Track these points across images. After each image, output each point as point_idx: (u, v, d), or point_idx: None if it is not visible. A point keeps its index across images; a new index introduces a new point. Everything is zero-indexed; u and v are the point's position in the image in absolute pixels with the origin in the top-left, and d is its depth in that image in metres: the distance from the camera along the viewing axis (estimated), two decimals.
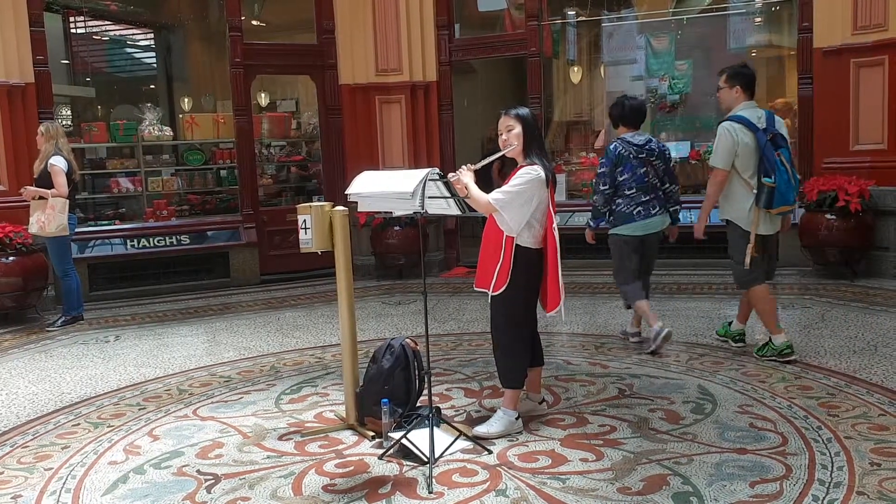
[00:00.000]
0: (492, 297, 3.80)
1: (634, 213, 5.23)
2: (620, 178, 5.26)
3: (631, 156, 5.24)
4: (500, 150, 3.85)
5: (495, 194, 3.70)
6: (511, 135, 3.79)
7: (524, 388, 4.01)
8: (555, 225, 3.75)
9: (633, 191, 5.24)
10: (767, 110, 4.97)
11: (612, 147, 5.33)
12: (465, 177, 3.68)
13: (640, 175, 5.23)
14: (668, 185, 5.35)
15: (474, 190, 3.70)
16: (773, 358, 4.91)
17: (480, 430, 3.82)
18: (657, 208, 5.28)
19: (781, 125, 4.93)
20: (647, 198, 5.25)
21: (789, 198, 4.73)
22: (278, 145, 10.39)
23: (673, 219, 5.44)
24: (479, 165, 3.79)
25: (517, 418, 3.88)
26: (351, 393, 4.07)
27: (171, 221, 8.89)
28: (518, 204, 3.68)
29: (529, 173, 3.70)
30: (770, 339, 4.99)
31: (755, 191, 4.75)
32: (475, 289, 3.93)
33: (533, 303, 3.87)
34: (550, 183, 3.77)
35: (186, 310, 7.68)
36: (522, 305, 3.81)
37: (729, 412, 4.04)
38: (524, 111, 3.83)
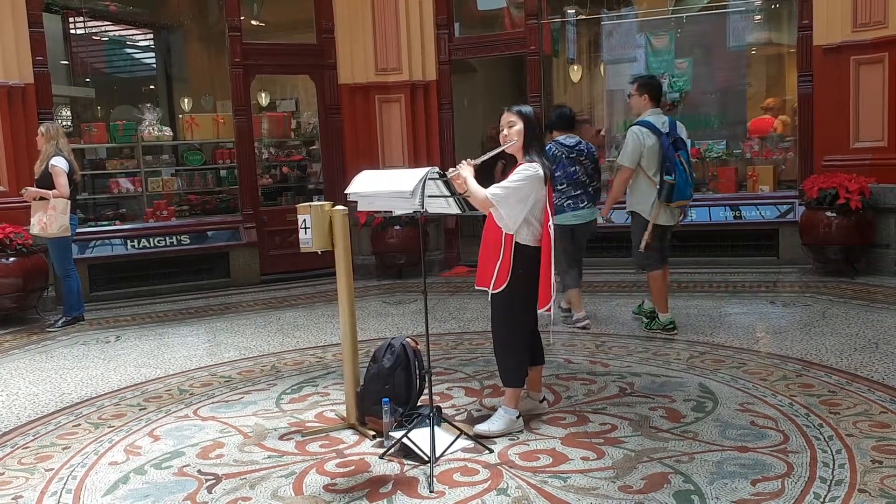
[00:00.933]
0: (492, 295, 3.80)
1: (565, 205, 5.84)
2: (554, 175, 5.74)
3: (563, 155, 5.84)
4: (500, 146, 3.86)
5: (493, 189, 3.70)
6: (512, 131, 3.80)
7: (525, 386, 4.00)
8: (550, 223, 3.74)
9: (565, 186, 5.84)
10: (670, 116, 5.67)
11: (547, 148, 5.86)
12: (465, 171, 3.69)
13: (571, 172, 5.86)
14: (594, 182, 6.03)
15: (473, 185, 3.71)
16: (659, 331, 5.70)
17: (481, 428, 3.82)
18: (585, 202, 5.92)
19: (682, 130, 5.61)
20: (577, 192, 5.86)
21: (686, 193, 5.45)
22: (278, 145, 10.39)
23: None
24: (478, 161, 3.80)
25: (518, 417, 3.88)
26: (352, 392, 4.07)
27: (171, 222, 8.88)
28: (515, 200, 3.68)
29: (527, 170, 3.70)
30: (657, 315, 5.77)
31: (658, 186, 5.42)
32: (476, 288, 3.93)
33: (533, 301, 3.86)
34: (548, 181, 3.77)
35: (187, 310, 7.68)
36: (522, 304, 3.81)
37: (730, 410, 4.03)
38: (527, 109, 3.85)
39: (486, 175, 3.95)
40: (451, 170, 3.73)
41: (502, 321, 3.84)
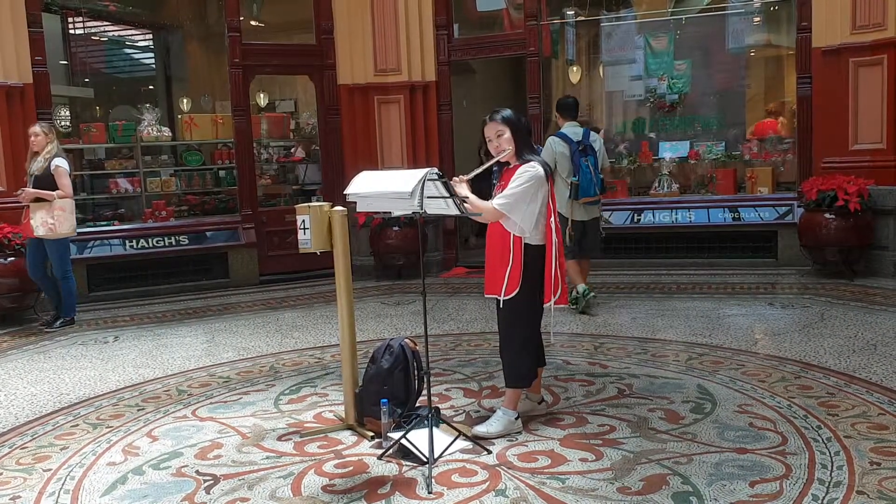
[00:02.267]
0: (504, 301, 3.78)
1: None
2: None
3: None
4: (491, 158, 3.86)
5: (499, 200, 3.69)
6: (502, 140, 3.79)
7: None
8: (553, 218, 3.75)
9: None
10: (586, 128, 6.55)
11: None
12: (462, 189, 3.67)
13: None
14: None
15: (476, 200, 3.70)
16: (577, 301, 6.45)
17: (480, 429, 3.81)
18: None
19: (595, 140, 6.49)
20: None
21: (590, 192, 6.27)
22: (277, 145, 10.39)
23: None
24: (471, 175, 3.80)
25: (517, 418, 3.88)
26: (350, 393, 4.07)
27: (169, 222, 8.88)
28: (524, 204, 3.68)
29: (528, 171, 3.70)
30: (575, 288, 6.54)
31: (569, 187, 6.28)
32: (486, 296, 3.92)
33: (541, 301, 3.85)
34: (550, 177, 3.78)
35: (185, 310, 7.68)
36: (534, 305, 3.80)
37: (728, 412, 4.04)
38: (507, 113, 3.82)
39: (485, 182, 3.94)
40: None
41: (517, 324, 3.81)
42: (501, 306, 3.82)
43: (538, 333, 3.94)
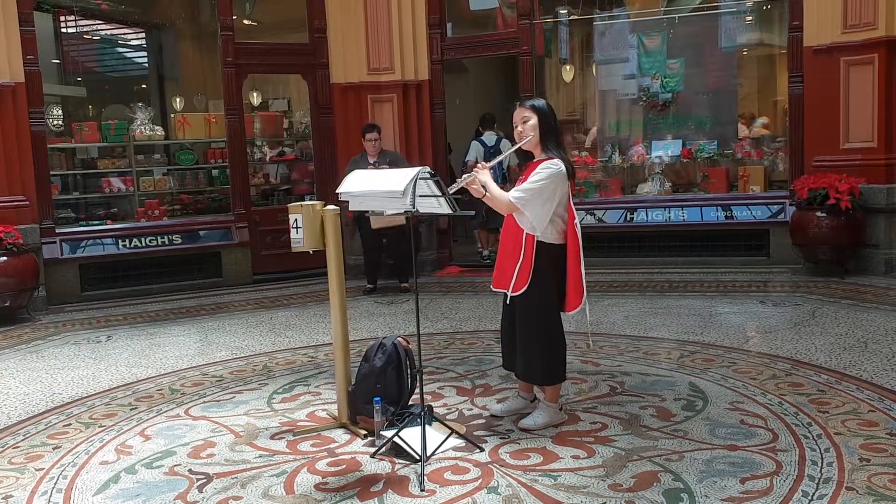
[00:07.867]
0: (512, 297, 3.76)
1: None
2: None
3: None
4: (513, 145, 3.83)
5: (515, 193, 3.64)
6: (527, 126, 3.73)
7: (516, 386, 4.02)
8: (576, 221, 3.70)
9: None
10: (499, 136, 9.18)
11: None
12: (483, 175, 3.63)
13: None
14: None
15: (494, 189, 3.64)
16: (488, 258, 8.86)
17: (526, 422, 3.84)
18: None
19: (503, 145, 8.89)
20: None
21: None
22: (270, 144, 10.38)
23: None
24: (493, 163, 3.79)
25: (560, 409, 3.94)
26: (343, 392, 4.07)
27: (162, 221, 8.85)
28: (540, 201, 3.62)
29: (550, 167, 3.63)
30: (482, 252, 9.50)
31: None
32: (493, 289, 3.91)
33: (560, 305, 3.81)
34: (573, 176, 3.73)
35: (178, 309, 7.67)
36: (550, 298, 3.76)
37: (720, 409, 4.05)
38: (540, 102, 3.78)
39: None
40: (465, 176, 3.72)
41: (535, 319, 3.77)
42: (508, 302, 3.80)
43: (560, 324, 3.86)
